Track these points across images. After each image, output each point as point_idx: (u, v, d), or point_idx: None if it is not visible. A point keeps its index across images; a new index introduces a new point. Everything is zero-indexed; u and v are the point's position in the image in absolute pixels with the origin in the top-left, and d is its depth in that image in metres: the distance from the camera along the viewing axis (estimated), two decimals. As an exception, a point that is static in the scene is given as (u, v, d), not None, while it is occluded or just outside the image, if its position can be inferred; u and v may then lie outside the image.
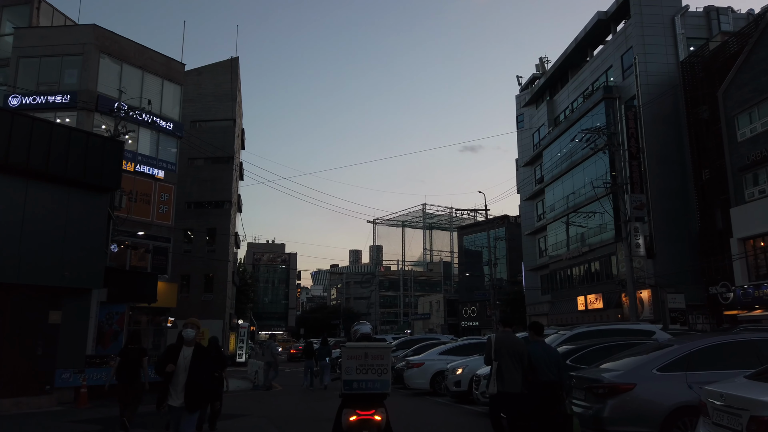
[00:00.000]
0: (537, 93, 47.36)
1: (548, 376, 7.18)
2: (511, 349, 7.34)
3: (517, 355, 7.30)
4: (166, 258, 33.56)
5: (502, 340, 7.46)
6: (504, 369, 7.25)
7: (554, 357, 7.40)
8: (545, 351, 7.46)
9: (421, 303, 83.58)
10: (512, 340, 7.49)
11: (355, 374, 6.16)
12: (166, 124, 33.92)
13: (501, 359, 7.30)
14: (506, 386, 7.21)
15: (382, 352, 6.32)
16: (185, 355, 6.49)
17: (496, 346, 7.40)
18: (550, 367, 7.23)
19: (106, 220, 14.78)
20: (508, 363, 7.25)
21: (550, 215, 42.43)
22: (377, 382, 6.21)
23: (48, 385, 13.31)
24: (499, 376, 7.27)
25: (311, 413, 12.59)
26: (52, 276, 13.40)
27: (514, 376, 7.21)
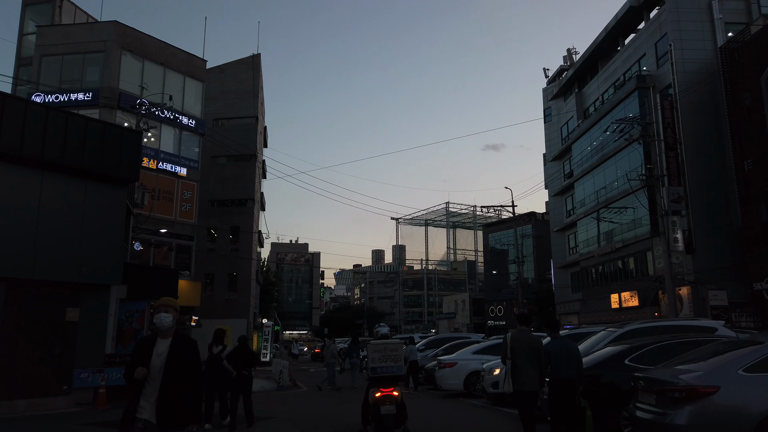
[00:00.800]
0: (565, 85, 46.04)
1: (567, 374, 7.13)
2: (527, 347, 7.28)
3: (534, 353, 7.26)
4: (189, 256, 33.21)
5: (517, 338, 7.40)
6: (519, 367, 7.21)
7: (574, 354, 7.30)
8: (564, 348, 7.34)
9: (446, 302, 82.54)
10: (528, 338, 7.42)
11: (378, 362, 8.65)
12: (189, 121, 33.58)
13: (516, 357, 7.25)
14: (521, 384, 7.16)
15: (396, 346, 9.04)
16: (160, 351, 4.45)
17: (512, 345, 7.35)
18: (569, 364, 7.18)
19: (124, 213, 14.22)
20: (523, 361, 7.21)
21: (581, 211, 41.12)
22: (394, 367, 8.74)
23: (66, 386, 12.78)
24: (515, 374, 7.23)
25: (339, 416, 11.82)
26: (68, 272, 12.86)
27: (529, 374, 7.18)
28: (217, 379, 9.82)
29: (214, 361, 9.89)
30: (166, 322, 4.57)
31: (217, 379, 9.80)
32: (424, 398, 14.90)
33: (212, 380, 9.76)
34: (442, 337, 21.87)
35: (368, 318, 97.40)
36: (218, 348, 10.14)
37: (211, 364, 9.83)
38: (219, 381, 9.86)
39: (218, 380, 9.85)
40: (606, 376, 8.21)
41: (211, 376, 9.68)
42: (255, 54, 43.78)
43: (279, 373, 17.72)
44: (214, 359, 9.92)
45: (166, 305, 4.64)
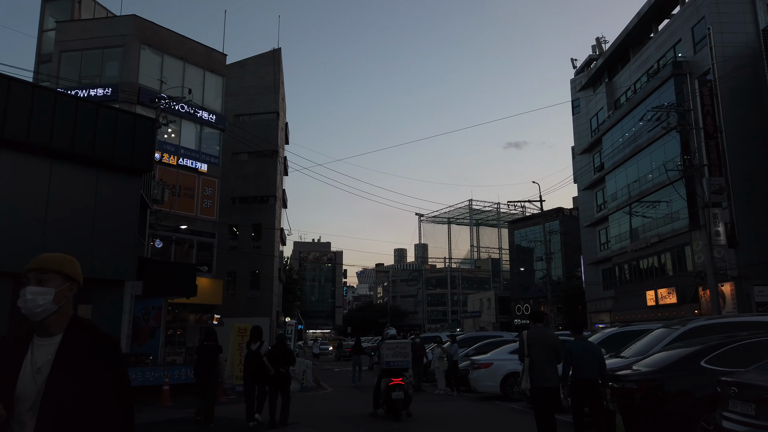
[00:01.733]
0: (594, 75, 44.51)
1: (588, 374, 7.08)
2: (544, 343, 7.26)
3: (551, 349, 7.22)
4: (210, 254, 32.64)
5: (534, 336, 7.38)
6: (536, 364, 7.17)
7: (596, 354, 7.22)
8: (586, 348, 7.26)
9: (471, 300, 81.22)
10: (544, 335, 7.44)
11: (391, 357, 10.87)
12: (209, 116, 32.99)
13: (533, 354, 7.22)
14: (539, 381, 7.12)
15: (405, 345, 11.32)
16: (38, 364, 2.12)
17: (528, 342, 7.34)
18: (591, 364, 7.10)
19: (138, 205, 13.49)
20: (541, 358, 7.18)
21: (612, 205, 39.62)
22: (403, 362, 10.94)
23: (77, 387, 12.03)
24: (532, 371, 7.18)
25: (367, 423, 10.87)
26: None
27: (546, 371, 7.14)
28: (257, 377, 9.84)
29: (252, 358, 9.88)
30: (39, 305, 2.19)
31: (257, 376, 9.83)
32: (458, 401, 13.89)
33: (251, 378, 9.84)
34: (473, 336, 20.77)
35: (391, 317, 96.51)
36: (256, 345, 10.04)
37: (250, 362, 9.88)
38: (259, 378, 9.87)
39: (258, 377, 9.86)
40: (675, 380, 7.10)
41: (250, 373, 9.81)
42: (275, 48, 43.14)
43: (302, 373, 16.88)
44: (253, 356, 9.89)
45: (40, 269, 2.30)
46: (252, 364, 9.84)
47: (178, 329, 31.28)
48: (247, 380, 9.88)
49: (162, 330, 15.25)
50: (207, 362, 9.81)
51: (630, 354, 9.41)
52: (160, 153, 30.15)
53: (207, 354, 9.87)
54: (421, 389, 16.38)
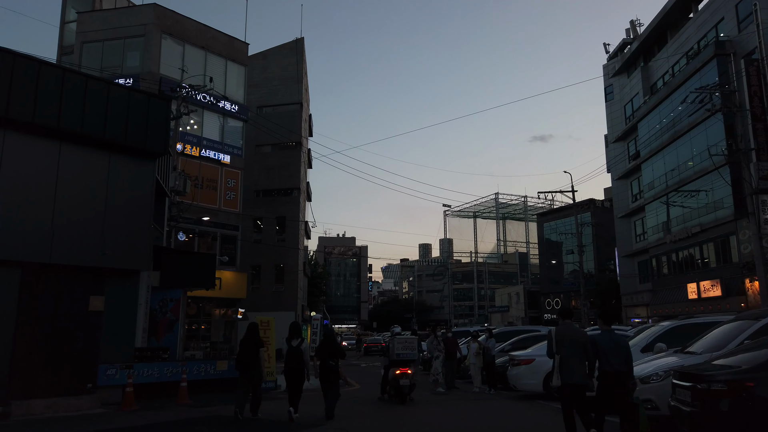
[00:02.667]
0: (629, 59, 42.69)
1: (615, 367, 7.03)
2: (573, 340, 7.22)
3: (580, 346, 7.17)
4: (234, 246, 32.02)
5: (563, 332, 7.34)
6: (565, 361, 7.13)
7: (623, 347, 7.17)
8: (613, 341, 7.23)
9: (499, 295, 79.74)
10: (573, 332, 7.43)
11: (400, 350, 12.42)
12: (231, 107, 32.32)
13: (562, 351, 7.17)
14: (569, 378, 7.08)
15: (412, 339, 13.19)
16: None
17: (557, 338, 7.28)
18: (618, 357, 7.05)
19: (153, 191, 12.70)
20: (570, 354, 7.13)
21: (649, 194, 37.90)
22: (410, 354, 12.51)
23: (89, 384, 11.31)
24: (562, 368, 7.14)
25: (396, 424, 9.89)
26: (91, 255, 11.39)
27: (576, 368, 7.11)
28: (297, 371, 9.84)
29: (293, 354, 9.87)
30: None
31: (297, 370, 9.83)
32: (496, 400, 12.81)
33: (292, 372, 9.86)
34: (509, 330, 19.57)
35: (417, 312, 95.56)
36: (297, 341, 9.99)
37: (291, 357, 9.86)
38: (299, 373, 9.86)
39: (299, 373, 9.85)
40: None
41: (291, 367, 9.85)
42: (298, 38, 42.31)
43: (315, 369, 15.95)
44: (294, 352, 9.88)
45: None
46: (293, 360, 9.84)
47: (203, 324, 30.77)
48: (288, 376, 9.88)
49: (180, 323, 14.47)
50: (249, 356, 9.93)
51: (700, 349, 8.25)
52: (182, 144, 29.59)
53: (249, 348, 10.00)
54: (454, 386, 15.35)
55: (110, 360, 11.69)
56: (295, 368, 9.80)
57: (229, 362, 13.58)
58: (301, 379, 9.89)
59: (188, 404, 11.77)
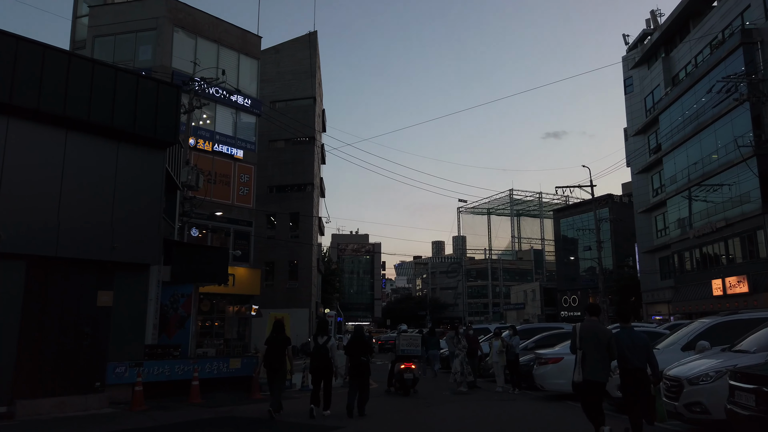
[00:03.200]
0: (649, 50, 41.66)
1: (634, 363, 7.07)
2: (596, 337, 7.21)
3: (603, 343, 7.15)
4: (248, 242, 31.60)
5: (587, 329, 7.34)
6: (588, 357, 7.13)
7: (642, 344, 7.21)
8: (632, 338, 7.25)
9: (514, 292, 78.84)
10: (597, 329, 7.37)
11: (405, 346, 13.98)
12: (244, 101, 31.88)
13: (585, 347, 7.18)
14: (590, 374, 7.08)
15: (416, 336, 14.74)
16: None
17: (581, 335, 7.30)
18: (638, 354, 7.09)
19: (163, 182, 12.22)
20: (592, 351, 7.13)
21: (671, 188, 36.91)
22: (414, 350, 14.06)
23: (97, 382, 10.86)
24: (584, 364, 7.15)
25: (417, 424, 9.31)
26: (99, 248, 10.92)
27: (598, 365, 7.10)
28: (324, 369, 9.84)
29: (321, 352, 9.85)
30: None
31: (324, 368, 9.84)
32: (522, 401, 12.17)
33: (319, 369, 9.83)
34: (532, 327, 18.87)
35: (431, 309, 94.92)
36: (324, 338, 9.98)
37: (318, 355, 9.85)
38: (327, 370, 9.87)
39: (326, 369, 9.86)
40: None
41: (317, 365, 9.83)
42: (311, 32, 41.81)
43: (345, 368, 15.43)
44: (321, 349, 9.87)
45: None
46: (320, 358, 9.81)
47: (216, 320, 30.41)
48: (314, 373, 9.89)
49: (192, 319, 13.99)
50: (277, 353, 9.94)
51: (753, 347, 7.58)
52: (194, 139, 29.16)
53: (277, 345, 10.03)
54: (476, 386, 14.73)
55: (119, 357, 11.23)
56: (323, 366, 9.77)
57: (242, 360, 13.09)
58: (329, 377, 9.90)
59: (200, 404, 11.28)
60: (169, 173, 15.01)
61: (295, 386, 14.05)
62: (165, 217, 15.30)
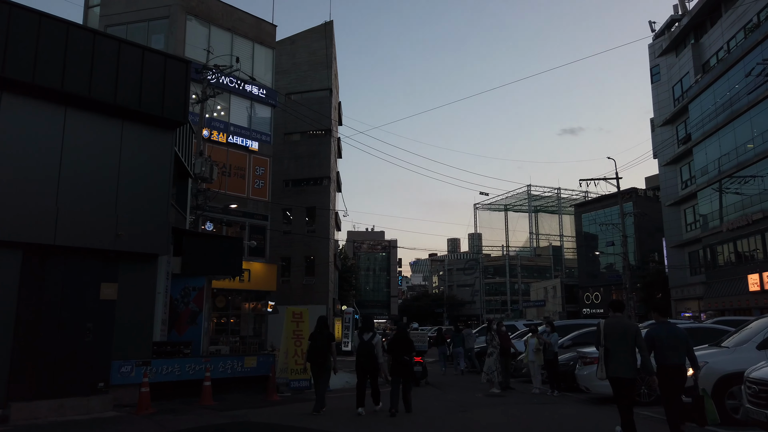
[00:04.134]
0: (678, 37, 40.05)
1: (672, 360, 6.86)
2: (622, 333, 7.03)
3: (630, 339, 6.95)
4: (263, 237, 30.72)
5: (611, 325, 7.20)
6: (612, 353, 6.99)
7: (682, 339, 6.99)
8: (670, 333, 7.04)
9: (534, 289, 77.35)
10: (622, 325, 7.21)
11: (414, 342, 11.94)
12: (259, 91, 30.97)
13: (609, 343, 7.05)
14: (614, 371, 6.94)
15: (422, 334, 18.09)
16: None
17: (605, 331, 7.19)
18: (676, 349, 6.88)
19: (171, 164, 11.25)
20: (617, 347, 6.98)
21: (702, 179, 35.38)
22: (422, 345, 15.58)
23: (101, 382, 9.94)
24: (607, 360, 7.01)
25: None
26: (101, 237, 9.99)
27: (623, 362, 6.90)
28: (369, 366, 9.73)
29: (366, 349, 9.72)
30: None
31: (370, 365, 9.72)
32: (566, 403, 11.04)
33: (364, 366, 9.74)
34: (567, 324, 17.66)
35: (448, 306, 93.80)
36: (369, 335, 9.86)
37: (363, 352, 9.74)
38: (372, 367, 9.76)
39: (371, 366, 9.75)
40: None
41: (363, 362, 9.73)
42: (327, 21, 40.78)
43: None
44: (366, 346, 9.75)
45: None
46: (365, 355, 9.69)
47: (232, 317, 29.59)
48: (360, 371, 9.78)
49: (204, 315, 13.03)
50: (320, 349, 9.77)
51: None
52: (208, 130, 28.33)
53: (320, 341, 9.87)
54: (510, 387, 13.62)
55: (125, 355, 10.31)
56: (369, 363, 9.64)
57: (258, 358, 12.11)
58: (375, 375, 9.80)
59: (212, 406, 10.31)
60: (180, 159, 14.08)
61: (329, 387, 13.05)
62: (176, 206, 14.39)
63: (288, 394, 12.10)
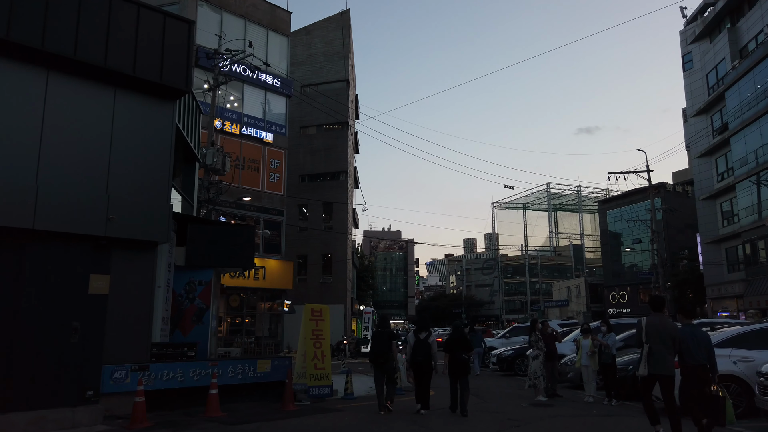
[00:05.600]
0: (712, 22, 37.99)
1: (696, 360, 7.02)
2: (662, 332, 7.11)
3: (669, 338, 7.08)
4: (279, 233, 29.36)
5: (653, 324, 7.23)
6: (654, 351, 7.06)
7: (704, 340, 7.18)
8: (693, 334, 7.21)
9: (557, 289, 75.32)
10: (663, 323, 7.25)
11: None
12: (274, 81, 29.61)
13: (651, 342, 7.10)
14: (656, 368, 7.01)
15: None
16: None
17: (647, 330, 7.21)
18: (699, 350, 7.04)
19: (172, 140, 9.80)
20: (658, 346, 7.04)
21: (741, 171, 33.33)
22: None
23: (90, 391, 8.52)
24: (650, 358, 7.07)
25: None
26: (90, 221, 8.59)
27: (664, 359, 7.01)
28: (427, 365, 9.71)
29: (422, 347, 9.71)
30: None
31: (427, 364, 9.71)
32: (634, 415, 9.38)
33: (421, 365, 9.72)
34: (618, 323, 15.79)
35: (466, 307, 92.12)
36: (424, 334, 9.85)
37: (420, 350, 9.71)
38: (428, 366, 9.73)
39: (428, 365, 9.72)
40: None
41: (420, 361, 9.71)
42: (344, 10, 39.36)
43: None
44: (422, 345, 9.73)
45: None
46: (421, 353, 9.66)
47: (247, 317, 28.28)
48: (416, 369, 9.77)
49: (212, 313, 11.57)
50: (381, 348, 9.71)
51: None
52: (221, 121, 27.09)
53: (382, 340, 9.81)
54: (557, 394, 12.00)
55: (119, 359, 8.90)
56: (424, 361, 9.59)
57: (272, 362, 10.63)
58: (429, 374, 9.71)
59: (219, 418, 8.84)
60: (185, 140, 12.67)
61: (337, 393, 11.58)
62: (181, 192, 12.99)
63: (307, 403, 10.61)
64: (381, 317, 10.60)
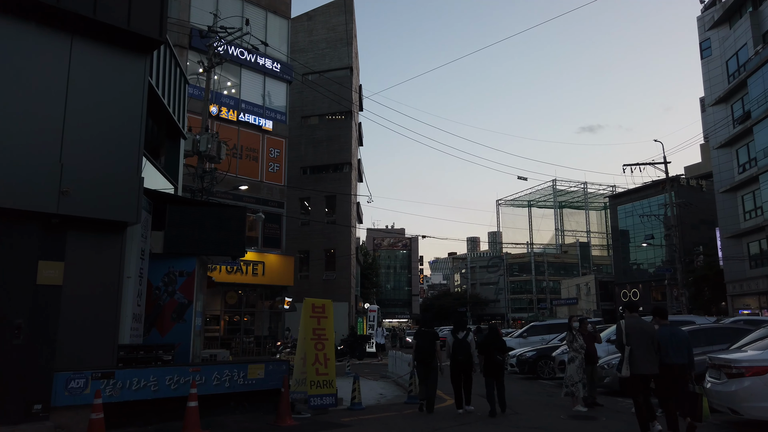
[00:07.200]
0: (732, 6, 36.26)
1: (675, 359, 7.15)
2: (642, 332, 7.37)
3: (648, 338, 7.33)
4: (279, 227, 27.70)
5: (632, 325, 7.48)
6: (636, 352, 7.28)
7: (683, 340, 7.34)
8: (672, 334, 7.37)
9: (565, 286, 73.59)
10: (641, 324, 7.53)
11: None
12: (273, 65, 27.95)
13: (633, 343, 7.33)
14: (638, 368, 7.22)
15: None
16: None
17: (627, 331, 7.45)
18: (679, 350, 7.21)
19: (144, 100, 8.15)
20: (640, 346, 7.27)
21: (765, 162, 31.62)
22: None
23: (38, 404, 6.89)
24: (632, 359, 7.28)
25: None
26: (36, 194, 6.95)
27: (646, 359, 7.21)
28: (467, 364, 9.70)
29: (461, 347, 9.70)
30: None
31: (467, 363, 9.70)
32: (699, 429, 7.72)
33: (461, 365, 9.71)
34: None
35: (471, 305, 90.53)
36: (462, 333, 9.83)
37: (459, 350, 9.70)
38: (468, 365, 9.72)
39: (468, 365, 9.71)
40: None
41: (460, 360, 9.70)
42: (347, -6, 37.71)
43: (410, 376, 11.30)
44: (462, 344, 9.71)
45: None
46: (461, 353, 9.70)
47: (245, 315, 26.68)
48: (455, 369, 9.74)
49: (195, 309, 9.86)
50: (427, 348, 9.66)
51: None
52: (217, 107, 25.45)
53: (426, 339, 9.77)
54: (597, 403, 10.33)
55: (76, 364, 7.26)
56: (465, 361, 9.66)
57: (265, 366, 8.97)
58: (470, 373, 9.78)
59: (197, 438, 7.20)
60: (168, 111, 11.02)
61: (342, 401, 9.94)
62: (162, 170, 11.33)
63: (307, 416, 8.96)
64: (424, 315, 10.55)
